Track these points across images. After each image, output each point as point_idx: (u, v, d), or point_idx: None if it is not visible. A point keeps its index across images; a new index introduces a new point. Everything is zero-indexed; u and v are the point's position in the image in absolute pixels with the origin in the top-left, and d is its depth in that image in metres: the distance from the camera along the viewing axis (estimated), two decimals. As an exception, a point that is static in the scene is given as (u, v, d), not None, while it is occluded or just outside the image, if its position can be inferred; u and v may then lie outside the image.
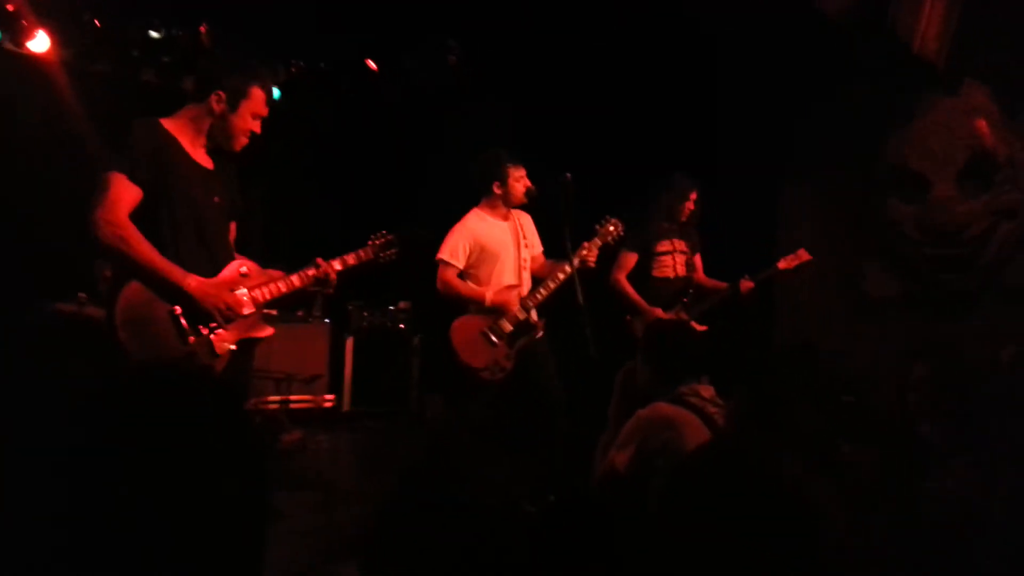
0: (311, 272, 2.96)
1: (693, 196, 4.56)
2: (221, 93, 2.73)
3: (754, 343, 4.93)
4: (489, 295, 3.96)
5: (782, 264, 4.50)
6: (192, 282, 2.58)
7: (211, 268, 2.72)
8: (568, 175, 3.85)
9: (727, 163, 5.20)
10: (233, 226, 2.94)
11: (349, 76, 6.57)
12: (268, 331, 2.91)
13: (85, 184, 2.65)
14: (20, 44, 5.33)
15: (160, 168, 2.61)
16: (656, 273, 4.52)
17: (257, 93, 2.78)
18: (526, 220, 4.24)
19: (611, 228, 4.13)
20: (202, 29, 5.72)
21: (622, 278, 4.52)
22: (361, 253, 3.15)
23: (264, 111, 2.82)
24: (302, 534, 3.70)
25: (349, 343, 6.65)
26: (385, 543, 1.60)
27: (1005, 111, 4.64)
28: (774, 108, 5.41)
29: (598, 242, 4.08)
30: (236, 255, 2.90)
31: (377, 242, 3.23)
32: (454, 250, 4.01)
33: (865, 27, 4.63)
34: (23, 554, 0.56)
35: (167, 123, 2.73)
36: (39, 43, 5.34)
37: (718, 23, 5.16)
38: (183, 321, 2.60)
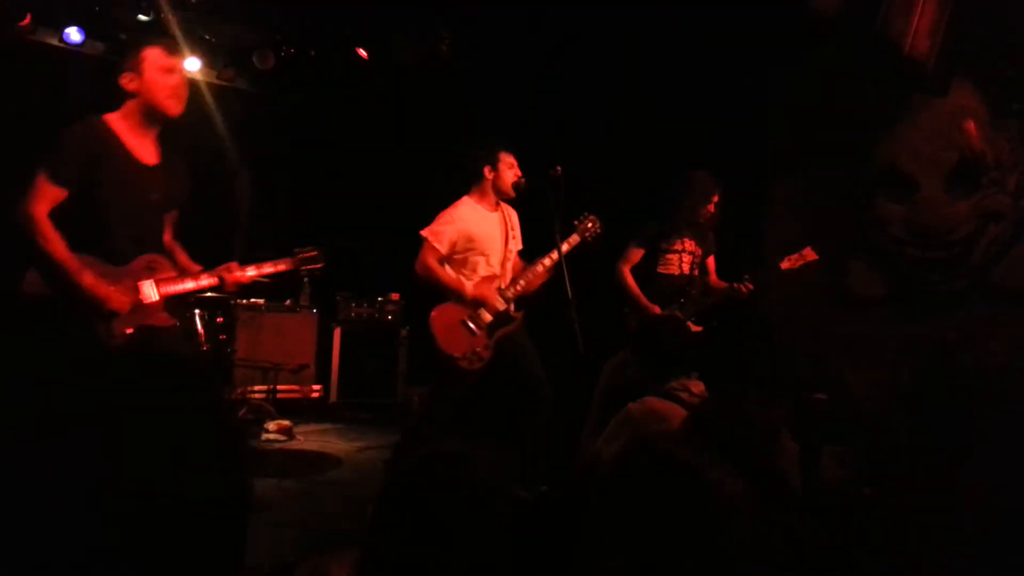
0: (219, 275, 3.08)
1: (715, 199, 4.46)
2: (127, 74, 2.89)
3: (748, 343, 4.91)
4: (470, 288, 3.95)
5: (785, 264, 4.37)
6: (87, 279, 2.76)
7: (134, 265, 2.94)
8: (558, 168, 3.86)
9: (715, 160, 5.20)
10: (172, 215, 3.14)
11: (339, 62, 6.53)
12: (169, 321, 2.99)
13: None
14: None
15: (91, 168, 2.80)
16: (661, 269, 4.49)
17: (150, 52, 2.90)
18: (513, 214, 4.24)
19: (589, 224, 4.15)
20: None
21: (625, 270, 4.49)
22: (280, 264, 3.26)
23: (169, 61, 2.92)
24: (287, 524, 3.70)
25: (337, 334, 6.63)
26: (372, 533, 1.60)
27: (994, 113, 4.67)
28: (763, 105, 5.42)
29: (576, 238, 4.10)
30: (172, 247, 3.14)
31: (300, 255, 3.31)
32: (440, 234, 3.98)
33: (856, 26, 4.64)
34: None
35: (112, 120, 2.91)
36: None
37: (709, 18, 5.17)
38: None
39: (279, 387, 6.14)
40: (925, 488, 1.94)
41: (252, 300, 6.44)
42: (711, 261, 4.68)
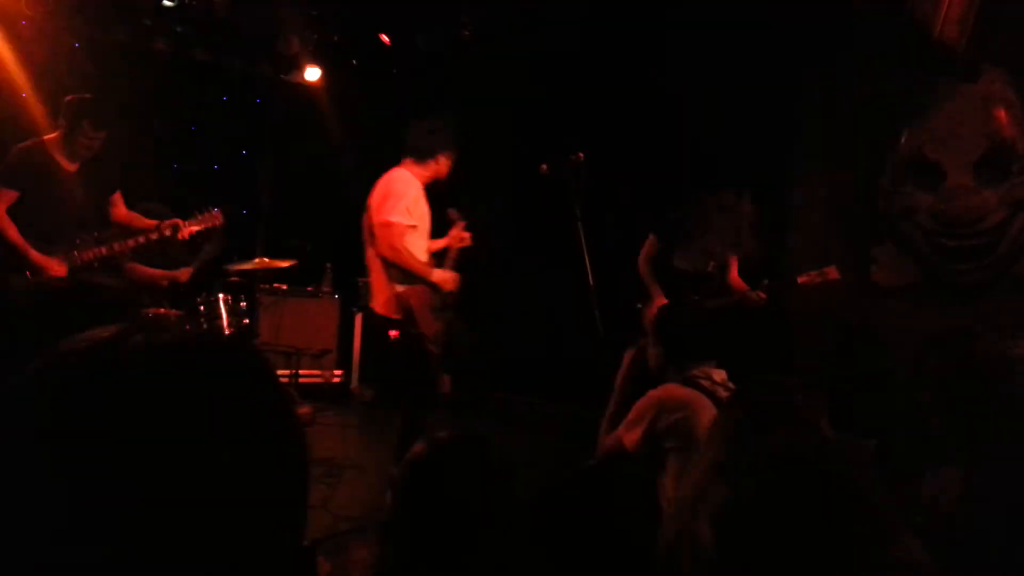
0: (143, 235, 4.18)
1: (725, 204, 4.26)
2: (61, 119, 4.01)
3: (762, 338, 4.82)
4: (436, 274, 3.93)
5: (802, 279, 4.25)
6: (33, 254, 3.88)
7: (66, 241, 4.02)
8: (580, 154, 3.84)
9: (741, 146, 5.16)
10: (116, 196, 4.26)
11: (363, 49, 6.52)
12: (95, 278, 4.06)
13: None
14: None
15: (29, 177, 3.92)
16: (678, 264, 4.45)
17: (82, 115, 3.96)
18: None
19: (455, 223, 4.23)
20: None
21: (643, 260, 4.47)
22: (194, 225, 4.29)
23: (94, 132, 3.99)
24: (309, 506, 3.73)
25: (358, 319, 6.66)
26: (392, 515, 1.61)
27: (1025, 100, 4.58)
28: (790, 92, 5.36)
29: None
30: (129, 217, 4.28)
31: (202, 214, 4.37)
32: (404, 210, 3.88)
33: (884, 11, 4.58)
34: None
35: (49, 141, 4.03)
36: None
37: (738, 4, 5.11)
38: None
39: (301, 372, 6.19)
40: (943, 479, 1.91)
41: (275, 285, 6.48)
42: (733, 259, 4.58)
